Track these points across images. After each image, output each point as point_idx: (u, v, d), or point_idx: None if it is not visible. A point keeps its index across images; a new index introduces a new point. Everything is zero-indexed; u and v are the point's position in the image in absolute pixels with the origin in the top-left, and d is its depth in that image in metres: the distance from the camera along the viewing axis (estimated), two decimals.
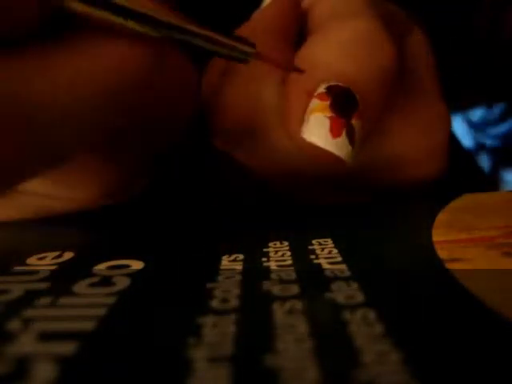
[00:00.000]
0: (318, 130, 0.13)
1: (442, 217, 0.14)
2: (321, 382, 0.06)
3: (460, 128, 0.30)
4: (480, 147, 0.30)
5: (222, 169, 0.19)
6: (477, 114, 0.29)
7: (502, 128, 0.28)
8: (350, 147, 0.13)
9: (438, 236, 0.12)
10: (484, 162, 0.30)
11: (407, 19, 0.18)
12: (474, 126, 0.29)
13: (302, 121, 0.13)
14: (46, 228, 0.16)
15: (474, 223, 0.13)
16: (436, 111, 0.16)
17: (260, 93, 0.15)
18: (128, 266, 0.11)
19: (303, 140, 0.13)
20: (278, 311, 0.08)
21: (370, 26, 0.14)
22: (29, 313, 0.08)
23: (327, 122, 0.13)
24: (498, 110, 0.28)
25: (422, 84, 0.17)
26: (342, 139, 0.13)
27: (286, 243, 0.12)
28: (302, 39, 0.15)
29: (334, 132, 0.13)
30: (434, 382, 0.06)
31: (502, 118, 0.28)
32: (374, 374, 0.06)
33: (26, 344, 0.07)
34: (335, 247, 0.12)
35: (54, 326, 0.08)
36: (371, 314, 0.08)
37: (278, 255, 0.11)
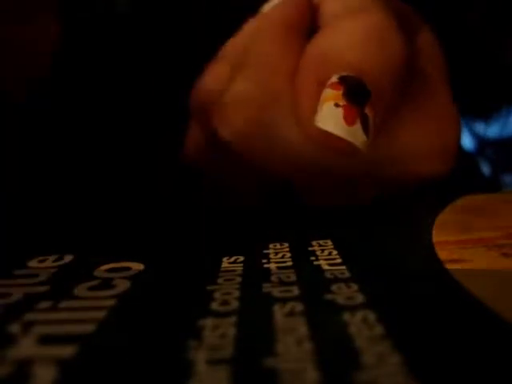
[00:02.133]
0: (332, 119, 0.13)
1: (442, 218, 0.14)
2: (320, 383, 0.06)
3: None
4: (481, 150, 0.30)
5: (226, 165, 0.18)
6: (478, 127, 0.29)
7: (505, 133, 0.28)
8: (364, 135, 0.13)
9: (438, 237, 0.12)
10: (484, 164, 0.30)
11: (418, 17, 0.18)
12: (474, 135, 0.29)
13: (314, 110, 0.13)
14: (47, 230, 0.16)
15: (474, 224, 0.13)
16: (446, 110, 0.16)
17: (272, 84, 0.15)
18: (128, 269, 0.11)
19: (316, 129, 0.13)
20: (278, 313, 0.08)
21: (381, 20, 0.14)
22: (29, 316, 0.08)
23: (340, 111, 0.13)
24: (496, 127, 0.28)
25: (433, 82, 0.17)
26: (357, 127, 0.13)
27: (286, 245, 0.12)
28: (314, 34, 0.15)
29: (348, 120, 0.13)
30: (435, 383, 0.06)
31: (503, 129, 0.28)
32: (374, 375, 0.06)
33: (26, 347, 0.07)
34: (335, 248, 0.12)
35: (54, 329, 0.08)
36: (371, 316, 0.08)
37: (278, 257, 0.11)
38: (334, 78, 0.13)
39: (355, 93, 0.13)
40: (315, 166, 0.15)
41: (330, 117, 0.13)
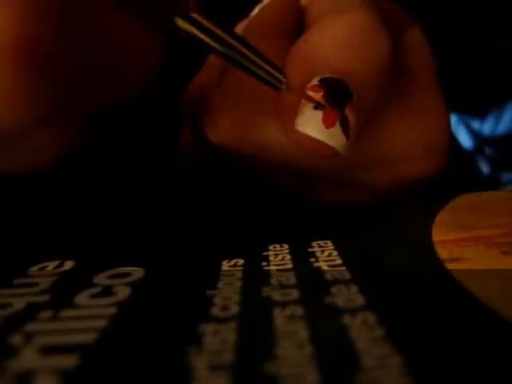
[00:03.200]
0: (311, 122, 0.13)
1: (441, 216, 0.14)
2: None
3: (458, 129, 0.30)
4: (479, 148, 0.30)
5: (218, 166, 0.19)
6: (475, 124, 0.29)
7: (499, 130, 0.28)
8: (344, 138, 0.13)
9: (438, 236, 0.12)
10: (483, 162, 0.30)
11: (405, 16, 0.18)
12: (472, 133, 0.29)
13: (295, 114, 0.13)
14: (47, 236, 0.16)
15: (474, 222, 0.13)
16: (434, 108, 0.16)
17: (258, 87, 0.15)
18: (129, 274, 0.11)
19: (297, 133, 0.13)
20: (279, 317, 0.08)
21: (365, 20, 0.14)
22: (30, 327, 0.08)
23: (319, 113, 0.13)
24: (491, 123, 0.28)
25: (420, 81, 0.17)
26: (336, 130, 0.13)
27: (286, 246, 0.12)
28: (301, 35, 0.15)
29: (327, 122, 0.13)
30: None
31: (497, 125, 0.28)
32: (375, 378, 0.06)
33: (27, 359, 0.07)
34: (335, 249, 0.12)
35: (56, 339, 0.08)
36: (371, 318, 0.08)
37: (278, 259, 0.11)
38: (315, 81, 0.13)
39: (335, 94, 0.13)
40: (301, 169, 0.15)
41: (310, 120, 0.13)
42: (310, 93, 0.13)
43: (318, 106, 0.13)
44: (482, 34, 0.25)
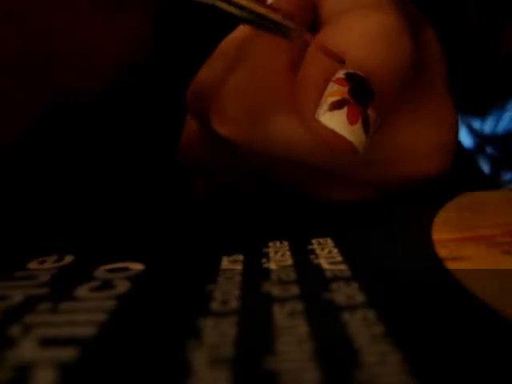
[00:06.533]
0: (336, 116, 0.13)
1: (442, 215, 0.14)
2: (321, 383, 0.06)
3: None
4: (480, 147, 0.30)
5: (224, 160, 0.18)
6: (476, 123, 0.29)
7: (500, 129, 0.28)
8: (364, 136, 0.13)
9: (438, 234, 0.12)
10: (484, 162, 0.30)
11: (420, 16, 0.18)
12: (473, 132, 0.29)
13: (317, 104, 0.13)
14: (46, 231, 0.16)
15: (474, 221, 0.13)
16: (445, 107, 0.16)
17: (268, 78, 0.14)
18: (128, 269, 0.11)
19: (318, 123, 0.13)
20: (278, 313, 0.08)
21: (393, 20, 0.14)
22: (29, 319, 0.08)
23: (344, 109, 0.13)
24: (492, 122, 0.28)
25: (433, 79, 0.17)
26: (358, 127, 0.13)
27: (286, 243, 0.12)
28: (315, 26, 0.15)
29: (351, 119, 0.13)
30: (435, 382, 0.06)
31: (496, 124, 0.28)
32: (375, 374, 0.06)
33: (26, 350, 0.07)
34: (335, 247, 0.12)
35: (55, 331, 0.08)
36: (371, 315, 0.08)
37: (278, 255, 0.11)
38: (341, 74, 0.13)
39: (360, 92, 0.13)
40: (307, 165, 0.15)
41: (335, 114, 0.13)
42: (335, 86, 0.13)
43: (341, 101, 0.13)
44: (482, 33, 0.25)
